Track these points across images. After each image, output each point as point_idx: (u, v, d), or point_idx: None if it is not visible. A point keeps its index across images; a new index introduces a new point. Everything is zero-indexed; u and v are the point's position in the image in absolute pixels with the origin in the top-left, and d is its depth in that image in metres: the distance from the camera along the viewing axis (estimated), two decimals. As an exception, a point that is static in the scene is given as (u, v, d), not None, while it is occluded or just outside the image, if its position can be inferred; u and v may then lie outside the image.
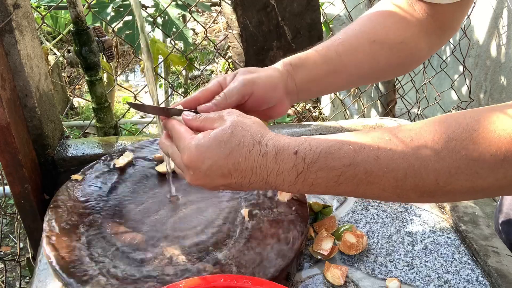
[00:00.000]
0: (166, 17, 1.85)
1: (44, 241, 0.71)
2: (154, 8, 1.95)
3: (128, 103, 0.71)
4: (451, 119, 0.51)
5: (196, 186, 0.59)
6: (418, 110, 2.19)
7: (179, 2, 1.90)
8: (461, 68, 2.01)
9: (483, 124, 0.48)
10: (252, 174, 0.54)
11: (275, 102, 0.69)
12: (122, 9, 1.82)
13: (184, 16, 2.30)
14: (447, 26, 0.76)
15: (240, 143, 0.54)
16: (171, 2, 1.86)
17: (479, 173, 0.49)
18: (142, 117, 3.19)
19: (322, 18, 1.42)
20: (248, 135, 0.54)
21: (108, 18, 1.76)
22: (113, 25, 1.66)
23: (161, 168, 0.86)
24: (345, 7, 1.75)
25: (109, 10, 1.77)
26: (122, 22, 1.77)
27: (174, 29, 1.84)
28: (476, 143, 0.48)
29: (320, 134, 1.01)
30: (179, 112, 0.64)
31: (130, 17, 1.79)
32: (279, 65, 0.71)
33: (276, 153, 0.53)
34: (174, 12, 1.89)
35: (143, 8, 1.96)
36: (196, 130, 0.60)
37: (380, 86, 2.01)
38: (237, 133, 0.54)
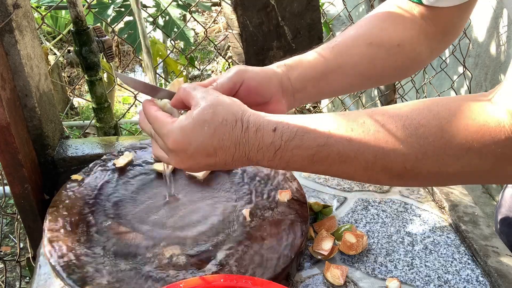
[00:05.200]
0: (167, 17, 1.85)
1: (44, 241, 0.71)
2: (155, 8, 1.95)
3: (117, 74, 0.69)
4: (423, 105, 0.53)
5: (183, 169, 0.61)
6: (418, 110, 2.19)
7: (180, 2, 1.90)
8: (461, 68, 2.01)
9: (453, 113, 0.50)
10: (236, 150, 0.56)
11: (270, 96, 0.68)
12: (123, 9, 1.82)
13: (184, 16, 2.30)
14: (448, 30, 0.76)
15: (223, 120, 0.55)
16: (171, 2, 1.86)
17: (445, 159, 0.51)
18: (142, 117, 3.18)
19: (322, 18, 1.42)
20: (230, 113, 0.56)
21: (109, 19, 1.76)
22: (113, 25, 1.66)
23: (158, 166, 0.86)
24: (345, 7, 1.75)
25: (110, 11, 1.77)
26: (123, 22, 1.77)
27: (175, 29, 1.84)
28: (444, 131, 0.50)
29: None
30: (168, 95, 0.63)
31: (131, 18, 1.79)
32: (274, 65, 0.72)
33: (257, 129, 0.55)
34: (175, 12, 1.89)
35: (144, 9, 1.96)
36: (175, 102, 0.61)
37: (380, 86, 2.01)
38: (219, 111, 0.55)
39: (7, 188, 0.96)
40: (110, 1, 1.82)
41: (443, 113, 0.51)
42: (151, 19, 1.84)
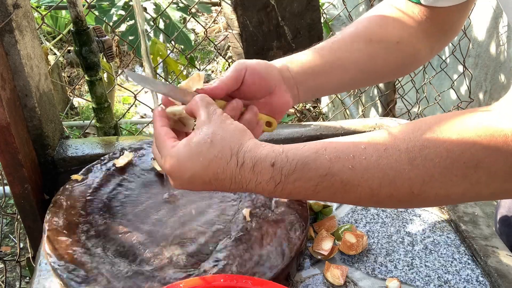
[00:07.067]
0: (168, 20, 1.86)
1: (44, 241, 0.71)
2: (156, 12, 1.95)
3: (128, 73, 0.67)
4: (425, 126, 0.51)
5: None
6: (418, 110, 2.19)
7: (181, 5, 1.90)
8: (461, 68, 2.01)
9: (457, 131, 0.49)
10: (232, 183, 0.56)
11: (274, 85, 0.68)
12: (123, 12, 1.82)
13: (184, 19, 2.30)
14: (447, 29, 0.76)
15: (218, 154, 0.55)
16: (170, 3, 1.86)
17: (453, 180, 0.49)
18: (142, 117, 3.19)
19: (322, 18, 1.42)
20: (226, 146, 0.55)
21: (111, 22, 1.77)
22: (113, 26, 1.66)
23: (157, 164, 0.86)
24: (345, 7, 1.75)
25: (114, 17, 1.78)
26: (125, 26, 1.77)
27: (176, 32, 1.85)
28: (449, 151, 0.48)
29: (320, 134, 1.01)
30: (187, 93, 0.63)
31: (133, 21, 1.79)
32: (271, 62, 0.71)
33: (254, 165, 0.54)
34: (176, 15, 1.89)
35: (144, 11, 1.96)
36: (189, 112, 0.61)
37: (380, 86, 2.01)
38: (216, 143, 0.55)
39: (7, 188, 0.96)
40: (109, 5, 1.82)
41: (446, 132, 0.49)
42: (152, 23, 1.84)
